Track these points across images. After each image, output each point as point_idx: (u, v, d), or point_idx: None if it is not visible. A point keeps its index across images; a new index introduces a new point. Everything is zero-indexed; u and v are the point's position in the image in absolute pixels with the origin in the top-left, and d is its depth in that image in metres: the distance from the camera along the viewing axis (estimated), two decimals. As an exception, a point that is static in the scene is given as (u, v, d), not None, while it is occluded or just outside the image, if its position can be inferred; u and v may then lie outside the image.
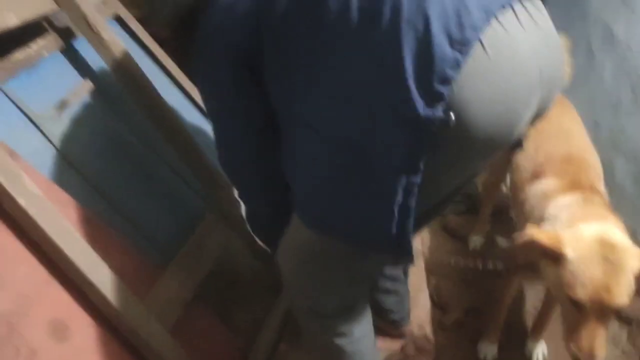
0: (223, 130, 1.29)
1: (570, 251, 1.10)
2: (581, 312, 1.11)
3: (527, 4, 1.02)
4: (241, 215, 1.71)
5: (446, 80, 0.89)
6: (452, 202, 1.28)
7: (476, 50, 0.90)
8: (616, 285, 1.09)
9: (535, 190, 1.35)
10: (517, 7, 0.98)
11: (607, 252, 1.11)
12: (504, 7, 0.95)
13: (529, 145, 1.51)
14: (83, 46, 1.64)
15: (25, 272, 1.12)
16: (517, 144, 1.20)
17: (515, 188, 1.45)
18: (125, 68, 1.57)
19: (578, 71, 2.03)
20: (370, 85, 0.94)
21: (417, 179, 0.96)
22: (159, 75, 1.97)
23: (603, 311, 1.11)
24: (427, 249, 2.17)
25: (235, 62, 1.14)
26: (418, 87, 0.89)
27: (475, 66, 0.90)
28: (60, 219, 1.15)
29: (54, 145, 1.47)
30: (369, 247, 1.08)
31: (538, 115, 1.11)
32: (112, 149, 1.63)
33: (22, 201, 1.11)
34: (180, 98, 1.99)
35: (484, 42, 0.91)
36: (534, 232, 1.13)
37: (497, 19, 0.93)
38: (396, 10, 0.90)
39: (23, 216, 1.12)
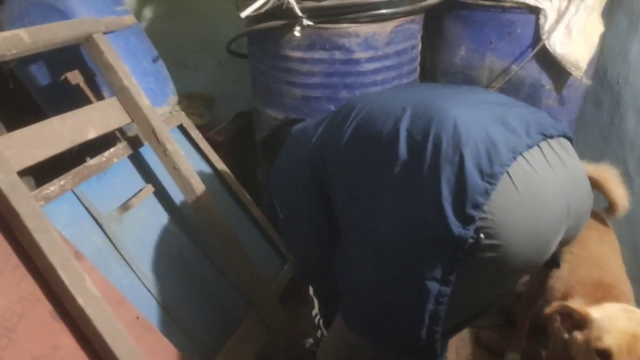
0: (298, 241, 1.46)
1: (595, 313, 1.21)
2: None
3: (554, 144, 1.15)
4: (280, 317, 1.79)
5: (477, 206, 1.03)
6: (484, 315, 1.35)
7: (505, 182, 1.05)
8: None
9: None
10: (545, 147, 1.12)
11: (630, 315, 1.21)
12: (530, 147, 1.09)
13: (564, 268, 1.55)
14: (148, 153, 1.82)
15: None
16: (553, 263, 1.32)
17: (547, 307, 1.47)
18: (184, 177, 1.73)
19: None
20: (415, 208, 1.10)
21: (448, 290, 1.09)
22: (212, 178, 2.13)
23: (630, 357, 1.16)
24: (463, 362, 2.14)
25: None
26: (453, 211, 1.04)
27: (504, 196, 1.05)
28: (113, 320, 1.25)
29: (113, 245, 1.61)
30: (400, 350, 1.20)
31: (566, 242, 1.23)
32: (165, 249, 1.75)
33: (81, 301, 1.22)
34: (230, 201, 2.13)
35: (512, 176, 1.05)
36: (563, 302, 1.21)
37: (523, 157, 1.07)
38: (437, 148, 1.08)
39: (81, 315, 1.23)
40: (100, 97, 1.79)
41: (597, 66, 2.13)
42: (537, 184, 1.08)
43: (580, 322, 1.26)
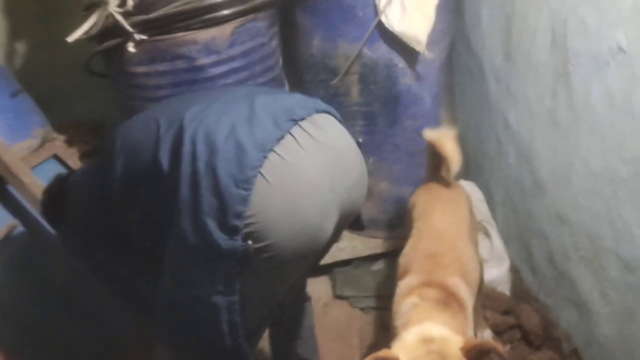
0: None
1: (402, 356, 1.15)
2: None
3: (306, 125, 1.15)
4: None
5: (238, 215, 1.04)
6: (287, 306, 1.42)
7: (260, 183, 1.05)
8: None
9: (400, 288, 1.41)
10: (297, 132, 1.12)
11: (430, 347, 1.17)
12: (279, 139, 1.10)
13: (408, 244, 1.57)
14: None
15: None
16: (358, 226, 1.40)
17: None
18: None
19: (492, 157, 2.11)
20: (183, 228, 1.09)
21: (236, 298, 1.10)
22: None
23: None
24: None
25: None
26: (217, 225, 1.05)
27: (262, 197, 1.06)
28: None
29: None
30: (212, 358, 1.21)
31: (350, 212, 1.25)
32: (39, 280, 1.75)
33: None
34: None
35: (264, 174, 1.06)
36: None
37: (274, 151, 1.08)
38: (191, 163, 1.07)
39: None
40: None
41: (462, 36, 2.16)
42: (291, 174, 1.09)
43: None
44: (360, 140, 2.11)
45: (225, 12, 1.73)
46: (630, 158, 1.28)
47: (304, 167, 1.10)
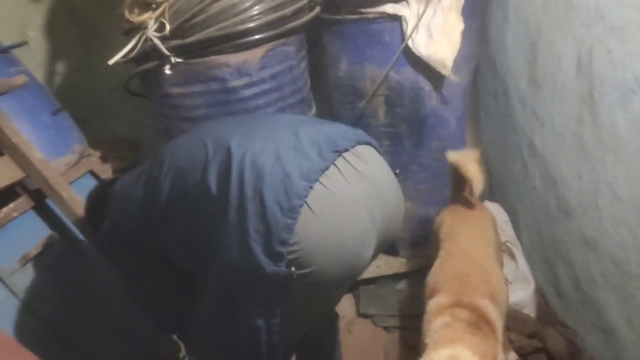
0: None
1: None
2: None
3: (350, 157, 1.20)
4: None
5: (284, 242, 1.08)
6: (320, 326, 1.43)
7: (305, 212, 1.09)
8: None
9: (430, 307, 1.43)
10: (340, 163, 1.17)
11: None
12: (324, 170, 1.14)
13: (436, 263, 1.59)
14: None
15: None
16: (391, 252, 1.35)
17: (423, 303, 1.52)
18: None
19: (517, 179, 2.12)
20: (230, 253, 1.14)
21: (276, 321, 1.14)
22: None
23: None
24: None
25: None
26: (263, 250, 1.09)
27: (307, 225, 1.10)
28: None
29: (15, 295, 1.68)
30: None
31: (384, 242, 1.30)
32: (76, 291, 1.82)
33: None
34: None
35: (310, 204, 1.10)
36: None
37: (319, 182, 1.12)
38: (239, 189, 1.12)
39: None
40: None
41: (488, 60, 2.19)
42: (335, 204, 1.13)
43: None
44: (397, 171, 2.15)
45: (256, 37, 1.79)
46: (656, 185, 1.30)
47: (347, 198, 1.14)
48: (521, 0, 1.84)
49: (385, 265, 2.35)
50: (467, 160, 1.75)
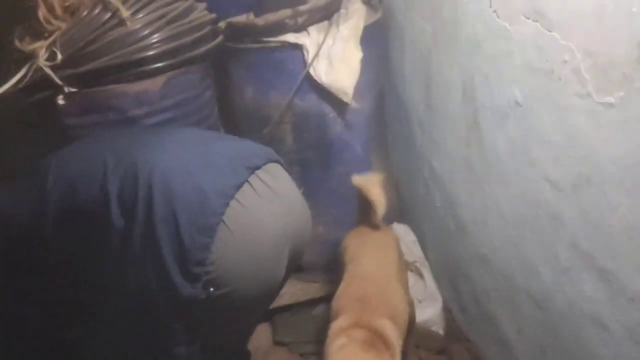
0: None
1: None
2: None
3: (262, 174, 1.20)
4: None
5: (200, 262, 1.04)
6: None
7: (221, 230, 1.06)
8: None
9: (330, 330, 1.45)
10: (254, 180, 1.16)
11: None
12: (239, 186, 1.13)
13: (340, 286, 1.62)
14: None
15: None
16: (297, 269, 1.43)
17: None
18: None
19: (422, 200, 2.20)
20: (140, 277, 1.08)
21: (197, 348, 1.10)
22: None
23: None
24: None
25: None
26: (179, 272, 1.04)
27: (224, 244, 1.07)
28: None
29: None
30: None
31: (295, 259, 1.30)
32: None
33: None
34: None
35: (226, 222, 1.07)
36: None
37: (235, 199, 1.10)
38: (148, 208, 1.05)
39: None
40: None
41: (390, 86, 2.28)
42: (250, 221, 1.12)
43: None
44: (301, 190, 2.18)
45: (155, 65, 1.78)
46: (532, 202, 1.38)
47: (261, 214, 1.14)
48: (415, 31, 1.94)
49: (300, 291, 2.35)
50: (371, 184, 1.80)
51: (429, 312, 2.12)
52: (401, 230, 2.27)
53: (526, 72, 1.31)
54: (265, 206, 1.17)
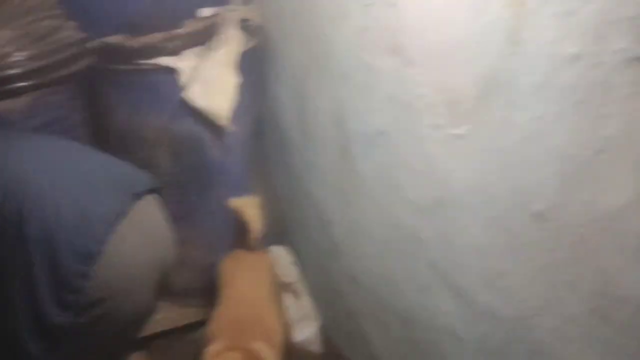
0: None
1: None
2: None
3: (143, 205, 1.21)
4: None
5: (76, 290, 1.00)
6: None
7: (102, 258, 1.04)
8: None
9: (205, 355, 1.45)
10: (135, 210, 1.16)
11: None
12: (121, 213, 1.11)
13: (216, 310, 1.62)
14: None
15: None
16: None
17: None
18: None
19: (299, 222, 2.26)
20: (9, 301, 1.02)
21: None
22: None
23: None
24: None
25: None
26: (50, 299, 0.99)
27: (103, 271, 1.05)
28: None
29: None
30: None
31: (163, 281, 1.29)
32: None
33: None
34: None
35: (107, 249, 1.05)
36: None
37: (117, 225, 1.09)
38: (22, 231, 0.99)
39: None
40: None
41: (269, 111, 2.33)
42: (126, 251, 1.12)
43: None
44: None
45: (20, 84, 1.68)
46: (396, 224, 1.49)
47: (136, 244, 1.13)
48: (290, 59, 2.01)
49: (178, 316, 2.29)
50: (247, 207, 1.83)
51: (306, 332, 2.17)
52: (278, 252, 2.30)
53: (389, 103, 1.41)
54: (139, 237, 1.17)
